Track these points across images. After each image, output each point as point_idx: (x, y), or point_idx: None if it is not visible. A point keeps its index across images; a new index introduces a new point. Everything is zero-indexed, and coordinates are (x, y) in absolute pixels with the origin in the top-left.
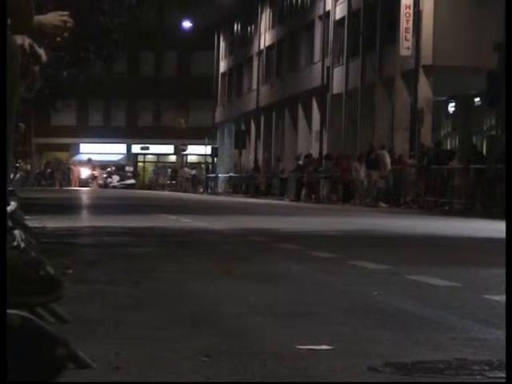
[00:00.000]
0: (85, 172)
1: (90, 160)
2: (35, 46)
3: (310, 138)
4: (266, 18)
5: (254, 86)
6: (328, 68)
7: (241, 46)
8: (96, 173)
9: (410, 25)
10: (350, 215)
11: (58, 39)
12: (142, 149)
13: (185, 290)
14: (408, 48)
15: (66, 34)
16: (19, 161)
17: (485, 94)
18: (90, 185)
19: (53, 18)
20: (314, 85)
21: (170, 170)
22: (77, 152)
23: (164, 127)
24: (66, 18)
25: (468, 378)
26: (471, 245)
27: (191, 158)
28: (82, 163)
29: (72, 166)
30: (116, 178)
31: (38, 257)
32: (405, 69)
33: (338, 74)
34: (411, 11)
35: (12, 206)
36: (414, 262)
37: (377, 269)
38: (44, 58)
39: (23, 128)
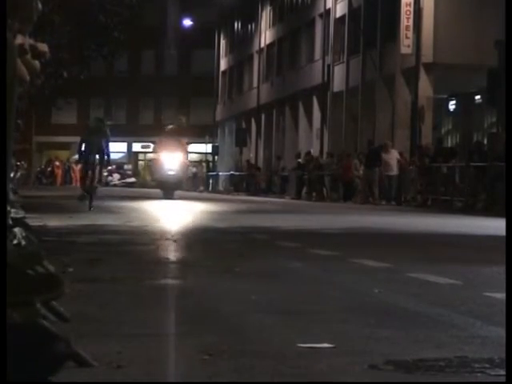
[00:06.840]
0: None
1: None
2: (37, 44)
3: (310, 136)
4: (266, 15)
5: (255, 84)
6: (328, 66)
7: (241, 44)
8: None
9: (411, 22)
10: (350, 213)
11: None
12: (143, 147)
13: (186, 288)
14: (408, 46)
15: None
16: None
17: (485, 92)
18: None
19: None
20: (315, 83)
21: None
22: None
23: (165, 125)
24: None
25: (469, 376)
26: (472, 242)
27: (192, 156)
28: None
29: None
30: (117, 176)
31: (34, 251)
32: (405, 66)
33: (338, 71)
34: (411, 9)
35: (21, 214)
36: (414, 260)
37: (377, 266)
38: (48, 53)
39: (21, 125)
